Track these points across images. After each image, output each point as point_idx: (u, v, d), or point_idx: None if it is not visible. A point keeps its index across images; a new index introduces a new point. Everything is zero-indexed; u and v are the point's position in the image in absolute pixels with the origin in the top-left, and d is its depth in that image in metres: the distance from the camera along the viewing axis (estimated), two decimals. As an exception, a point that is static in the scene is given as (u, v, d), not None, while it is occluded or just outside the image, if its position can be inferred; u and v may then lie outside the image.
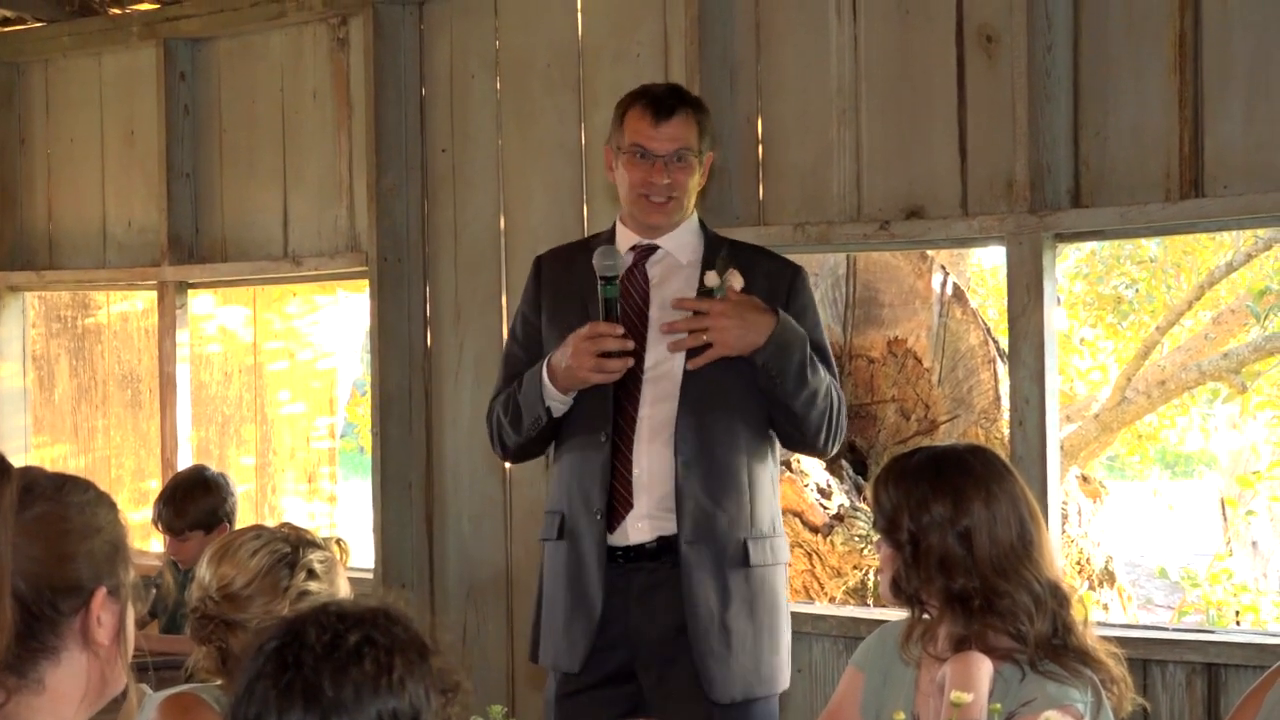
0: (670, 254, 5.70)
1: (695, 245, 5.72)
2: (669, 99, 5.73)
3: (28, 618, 2.93)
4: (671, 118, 5.66)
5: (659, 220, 5.69)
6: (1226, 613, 12.26)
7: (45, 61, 9.89)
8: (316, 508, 10.61)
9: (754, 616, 5.56)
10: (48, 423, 10.30)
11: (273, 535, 4.46)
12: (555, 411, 5.63)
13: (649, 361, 5.61)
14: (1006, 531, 4.34)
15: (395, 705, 2.62)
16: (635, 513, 5.57)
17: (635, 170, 5.65)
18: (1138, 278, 14.08)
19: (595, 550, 5.59)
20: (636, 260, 5.71)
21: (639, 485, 5.57)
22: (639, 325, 5.62)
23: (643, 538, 5.57)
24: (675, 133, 5.64)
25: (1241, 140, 6.09)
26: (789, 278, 5.70)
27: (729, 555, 5.53)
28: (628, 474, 5.57)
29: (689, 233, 5.74)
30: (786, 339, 5.45)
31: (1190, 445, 15.60)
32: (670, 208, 5.66)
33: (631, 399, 5.60)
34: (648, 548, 5.57)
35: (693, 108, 5.73)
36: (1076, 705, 4.20)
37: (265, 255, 8.91)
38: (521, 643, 7.85)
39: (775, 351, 5.43)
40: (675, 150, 5.62)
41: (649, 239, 5.71)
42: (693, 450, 5.53)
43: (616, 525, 5.59)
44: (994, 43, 6.56)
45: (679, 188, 5.63)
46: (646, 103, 5.73)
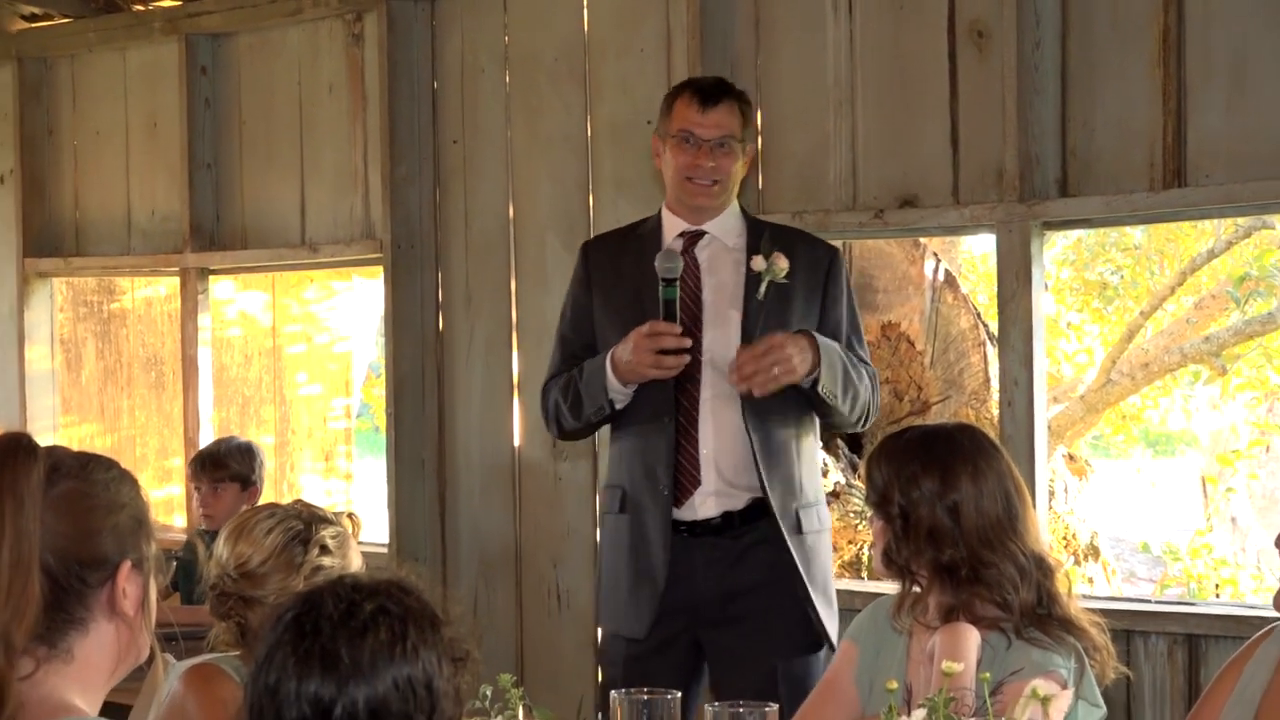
0: (717, 238, 5.74)
1: (739, 230, 5.76)
2: (715, 88, 5.79)
3: (56, 590, 2.95)
4: (718, 105, 5.70)
5: (704, 203, 5.73)
6: (1207, 586, 12.27)
7: (72, 56, 9.89)
8: (333, 485, 10.61)
9: (811, 580, 5.62)
10: (75, 403, 10.30)
11: (286, 513, 4.46)
12: (618, 404, 5.67)
13: (706, 344, 5.65)
14: (993, 506, 4.35)
15: (409, 672, 2.63)
16: (703, 489, 5.63)
17: (682, 155, 5.69)
18: (1122, 264, 14.07)
19: (661, 524, 5.63)
20: (685, 246, 5.74)
21: (706, 463, 5.62)
22: (694, 308, 5.68)
23: (709, 513, 5.63)
24: (720, 119, 5.68)
25: (1223, 132, 6.09)
26: (827, 260, 5.74)
27: (785, 524, 5.58)
28: (694, 452, 5.62)
29: (732, 217, 5.78)
30: (830, 357, 5.48)
31: (1172, 425, 15.60)
32: (715, 191, 5.69)
33: (694, 381, 5.63)
34: (712, 523, 5.61)
35: (737, 99, 5.76)
36: (1060, 671, 4.21)
37: (283, 242, 8.92)
38: (529, 613, 7.89)
39: (827, 372, 5.46)
40: (720, 136, 5.67)
41: (695, 224, 5.75)
42: (754, 428, 5.57)
43: (684, 501, 5.64)
44: (985, 38, 6.56)
45: (723, 172, 5.67)
46: (694, 91, 5.79)
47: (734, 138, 5.66)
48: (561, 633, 7.78)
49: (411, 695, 2.62)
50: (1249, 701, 3.93)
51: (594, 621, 7.65)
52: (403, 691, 2.62)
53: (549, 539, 7.84)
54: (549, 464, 7.84)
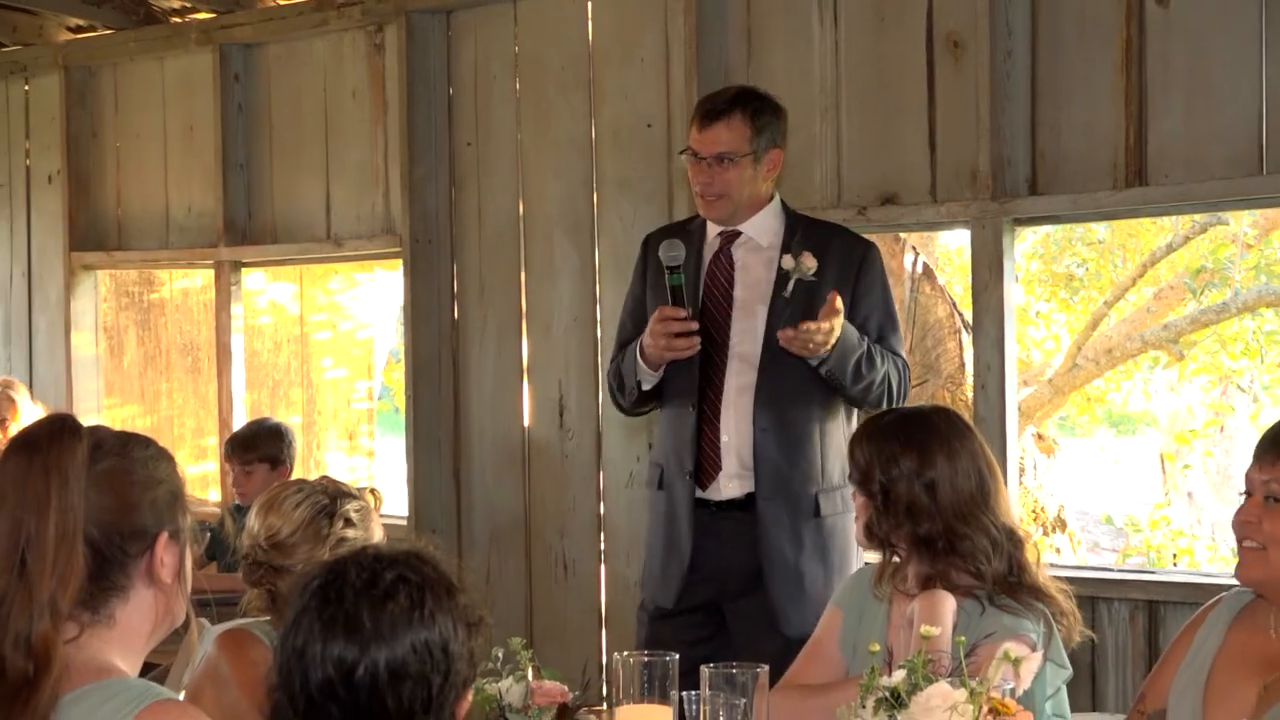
0: (752, 238, 5.71)
1: (776, 229, 5.72)
2: (715, 107, 5.71)
3: (99, 560, 2.95)
4: (715, 124, 5.65)
5: (710, 215, 5.73)
6: (1165, 555, 12.27)
7: (114, 65, 9.89)
8: (356, 462, 10.62)
9: (825, 560, 5.61)
10: (118, 386, 10.31)
11: (313, 488, 4.46)
12: (645, 384, 5.70)
13: (733, 337, 5.66)
14: (967, 482, 4.35)
15: (427, 636, 2.63)
16: (725, 473, 5.64)
17: (691, 170, 5.70)
18: (1087, 258, 14.06)
19: (686, 503, 5.66)
20: (723, 245, 5.72)
21: (726, 449, 5.63)
22: (725, 304, 5.68)
23: (733, 494, 5.64)
24: (717, 137, 5.62)
25: (1181, 135, 6.08)
26: (860, 255, 5.69)
27: (802, 508, 5.59)
28: (716, 439, 5.63)
29: (770, 216, 5.73)
30: (845, 350, 5.44)
31: (1133, 407, 15.60)
32: (718, 205, 5.66)
33: (719, 371, 5.64)
34: (737, 501, 5.61)
35: (745, 111, 5.66)
36: (1029, 635, 4.21)
37: (310, 237, 8.91)
38: (538, 582, 7.89)
39: (836, 360, 5.44)
40: (716, 153, 5.61)
41: (732, 225, 5.72)
42: (770, 416, 5.57)
43: (709, 483, 5.65)
44: (960, 48, 6.55)
45: (723, 185, 5.62)
46: (697, 110, 5.78)
47: (735, 153, 5.59)
48: (567, 599, 7.78)
49: (429, 657, 2.62)
50: (1201, 665, 3.93)
51: (598, 589, 7.66)
52: (420, 654, 2.62)
53: (556, 512, 7.83)
54: (556, 443, 7.84)
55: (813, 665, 4.54)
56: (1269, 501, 3.77)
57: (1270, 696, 3.76)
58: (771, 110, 5.74)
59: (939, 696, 3.41)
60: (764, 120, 5.68)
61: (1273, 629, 3.87)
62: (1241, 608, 3.99)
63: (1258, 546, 3.77)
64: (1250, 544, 3.79)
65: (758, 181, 5.68)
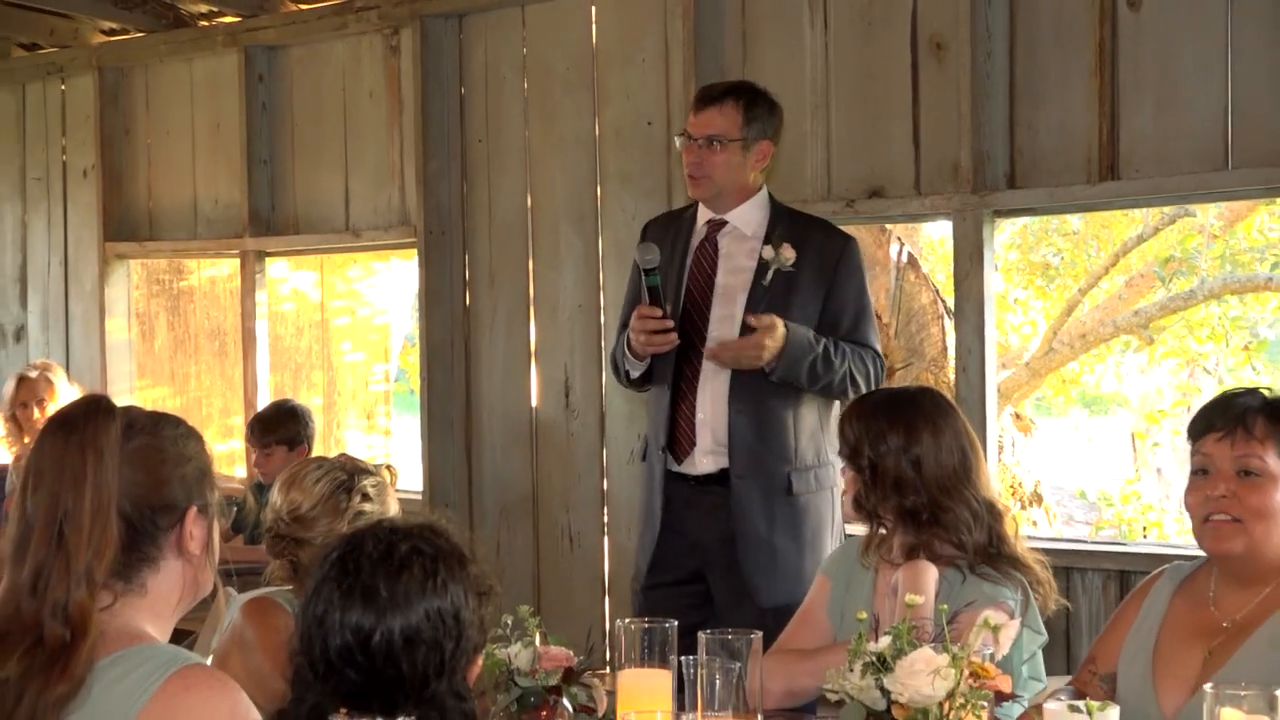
0: (737, 228, 5.70)
1: (761, 220, 5.70)
2: (712, 93, 5.75)
3: (132, 533, 2.95)
4: (708, 108, 5.67)
5: (695, 194, 5.74)
6: (1136, 528, 12.28)
7: (145, 66, 9.88)
8: (374, 440, 10.61)
9: (798, 536, 5.59)
10: (149, 369, 10.30)
11: (332, 465, 4.47)
12: (633, 373, 5.74)
13: (713, 321, 5.65)
14: (950, 458, 4.35)
15: (439, 604, 2.62)
16: (699, 449, 5.64)
17: (684, 152, 5.71)
18: (1063, 248, 14.03)
19: (660, 475, 5.69)
20: (709, 234, 5.72)
21: (701, 426, 5.63)
22: (707, 290, 5.67)
23: (708, 469, 5.65)
24: (709, 120, 5.64)
25: (1151, 132, 6.08)
26: (839, 249, 5.68)
27: (775, 486, 5.58)
28: (693, 416, 5.62)
29: (756, 208, 5.72)
30: (792, 358, 5.43)
31: (1106, 388, 15.58)
32: (704, 185, 5.66)
33: (698, 354, 5.62)
34: (713, 477, 5.61)
35: (738, 98, 5.67)
36: (1008, 603, 4.21)
37: (330, 229, 8.91)
38: (545, 553, 7.89)
39: (785, 370, 5.44)
40: (706, 135, 5.63)
41: (719, 214, 5.71)
42: (745, 397, 5.56)
43: (684, 458, 5.65)
44: (943, 49, 6.54)
45: (708, 166, 5.63)
46: (696, 95, 5.83)
47: (724, 137, 5.60)
48: (573, 570, 7.78)
49: (441, 624, 2.62)
50: (1149, 633, 3.94)
51: (601, 560, 7.67)
52: (433, 621, 2.62)
53: (562, 488, 7.83)
54: (562, 422, 7.84)
55: (803, 631, 4.54)
56: (1243, 475, 3.76)
57: (1214, 662, 3.76)
58: (766, 104, 5.73)
59: (922, 661, 3.41)
60: (757, 112, 5.68)
61: (1212, 601, 3.88)
62: (1183, 578, 4.00)
63: (1230, 519, 3.76)
64: (1222, 517, 3.77)
65: (745, 169, 5.67)
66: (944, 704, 3.32)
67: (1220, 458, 3.79)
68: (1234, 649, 3.75)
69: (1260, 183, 5.92)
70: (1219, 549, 3.80)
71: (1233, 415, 3.80)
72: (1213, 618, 3.85)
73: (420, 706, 2.61)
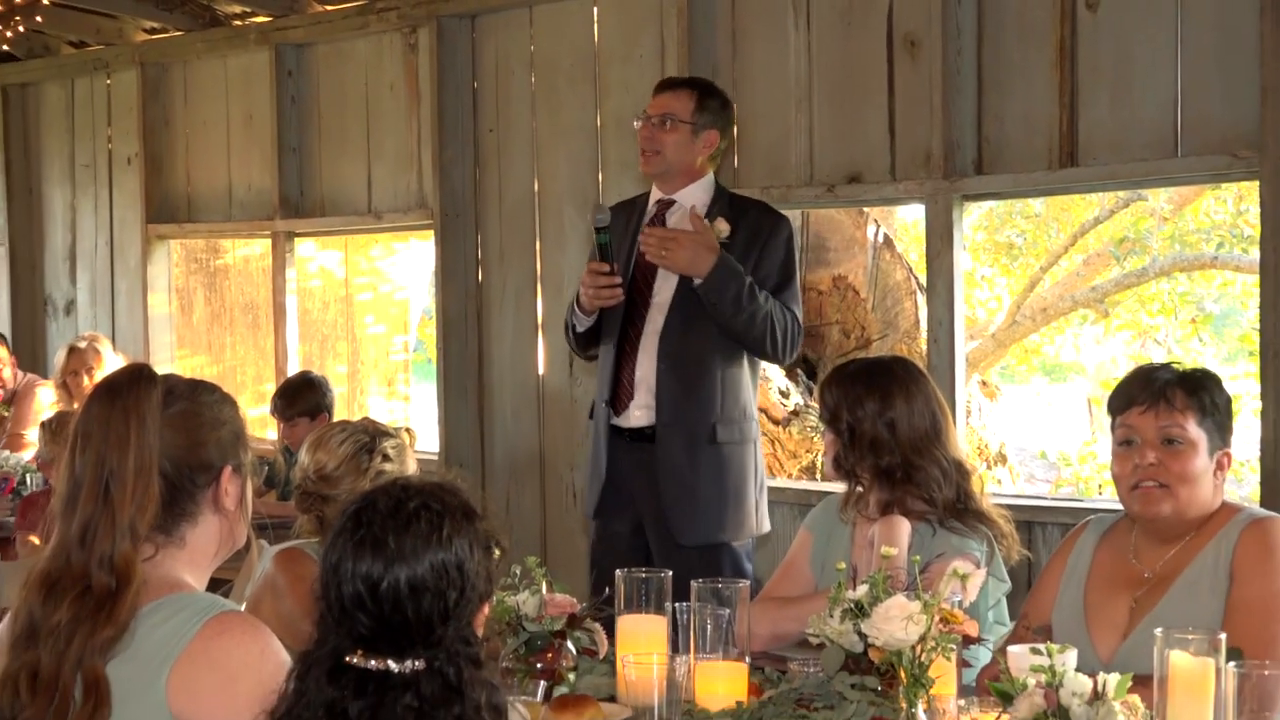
0: (683, 206, 5.69)
1: (705, 200, 5.70)
2: (671, 81, 5.85)
3: (172, 490, 2.96)
4: (665, 93, 5.73)
5: (645, 169, 5.78)
6: (1092, 486, 12.27)
7: (184, 62, 9.87)
8: (394, 405, 10.62)
9: (721, 482, 5.60)
10: (188, 340, 10.30)
11: (355, 428, 4.47)
12: (579, 327, 5.75)
13: (656, 289, 5.67)
14: (922, 421, 4.36)
15: (443, 557, 2.62)
16: (635, 403, 5.65)
17: (640, 131, 5.72)
18: (1025, 229, 14.01)
19: (605, 428, 5.71)
20: (659, 211, 5.74)
21: (639, 383, 5.64)
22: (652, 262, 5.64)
23: (640, 423, 5.66)
24: (664, 101, 5.69)
25: (1108, 123, 6.07)
26: (770, 225, 5.68)
27: (699, 435, 5.58)
28: (633, 374, 5.62)
29: (701, 189, 5.72)
30: (723, 277, 5.42)
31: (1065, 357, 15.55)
32: (653, 160, 5.70)
33: (641, 317, 5.65)
34: (645, 431, 5.61)
35: (693, 88, 5.73)
36: (975, 554, 4.23)
37: (353, 211, 8.91)
38: (553, 508, 7.89)
39: (713, 282, 5.42)
40: (660, 114, 5.66)
41: (668, 194, 5.73)
42: (672, 353, 5.58)
43: (622, 411, 5.66)
44: (916, 47, 6.53)
45: (657, 143, 5.65)
46: (657, 84, 5.86)
47: (675, 117, 5.63)
48: (576, 524, 7.78)
49: (445, 575, 2.62)
50: (1078, 585, 3.97)
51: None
52: (438, 572, 2.61)
53: (566, 448, 7.84)
54: (566, 388, 7.84)
55: (786, 581, 4.55)
56: (1166, 444, 3.78)
57: (1140, 610, 3.80)
58: (718, 99, 5.78)
59: (896, 608, 3.42)
60: (709, 103, 5.70)
61: (1133, 554, 3.90)
62: (1104, 531, 4.02)
63: (1158, 485, 3.78)
64: (1150, 484, 3.79)
65: (693, 152, 5.68)
66: (916, 647, 3.32)
67: (1145, 429, 3.81)
68: (1158, 597, 3.79)
69: (1207, 169, 5.92)
70: (1148, 512, 3.82)
71: (1154, 389, 3.83)
72: (1135, 569, 3.89)
73: (428, 650, 2.62)
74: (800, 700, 3.67)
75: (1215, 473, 3.82)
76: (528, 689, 3.82)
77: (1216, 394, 3.84)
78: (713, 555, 5.55)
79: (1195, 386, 3.82)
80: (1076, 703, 2.98)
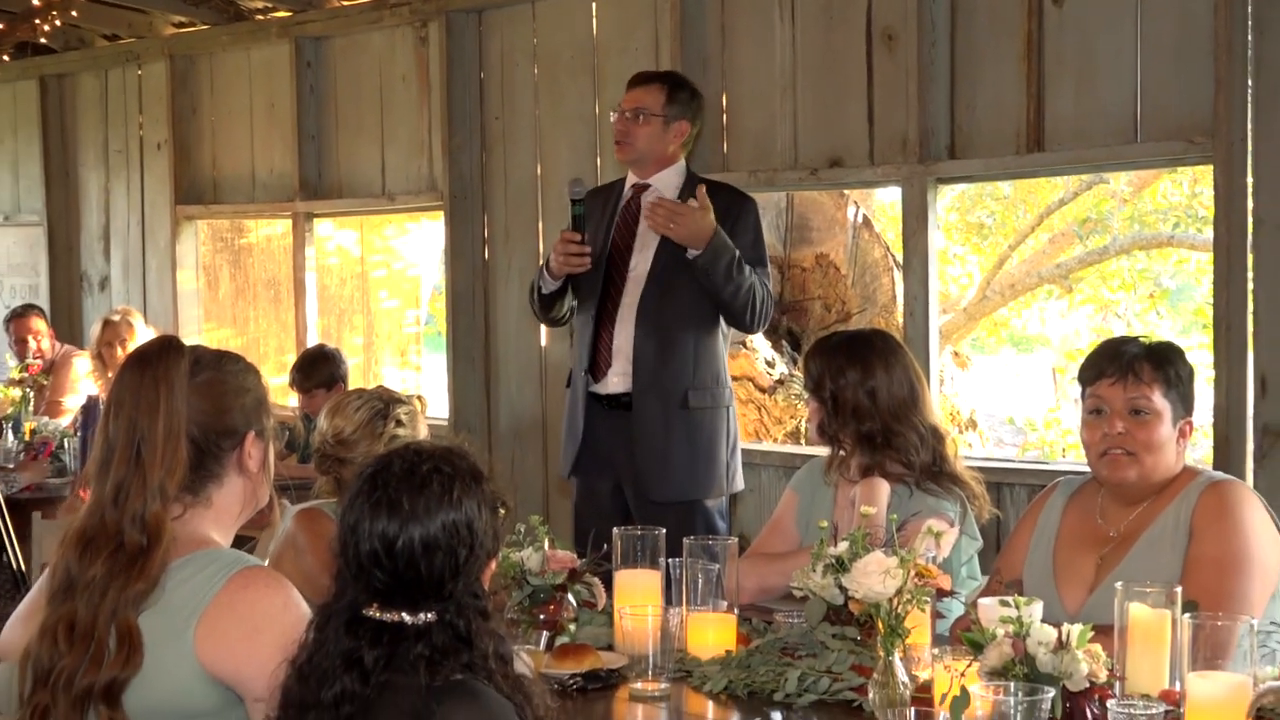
0: (657, 190, 5.71)
1: (676, 184, 5.72)
2: (643, 76, 5.85)
3: (198, 454, 2.96)
4: (637, 88, 5.75)
5: (620, 157, 5.83)
6: (1056, 449, 12.29)
7: (210, 54, 9.85)
8: (406, 374, 10.62)
9: (693, 444, 5.61)
10: (214, 313, 10.29)
11: (371, 395, 4.47)
12: (545, 289, 5.76)
13: (633, 264, 5.68)
14: (900, 389, 4.36)
15: (454, 517, 2.63)
16: (613, 370, 5.67)
17: (615, 121, 5.74)
18: (995, 210, 14.00)
19: (583, 394, 5.71)
20: (634, 195, 5.76)
21: (617, 351, 5.65)
22: (630, 239, 5.71)
23: (618, 389, 5.67)
24: (636, 96, 5.71)
25: (1072, 111, 6.06)
26: (738, 206, 5.69)
27: (672, 400, 5.59)
28: (611, 342, 5.63)
29: (674, 174, 5.74)
30: (719, 249, 5.44)
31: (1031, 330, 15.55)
32: (626, 149, 5.73)
33: (618, 290, 5.67)
34: (622, 398, 5.62)
35: (663, 82, 5.76)
36: (948, 513, 4.23)
37: (368, 193, 8.89)
38: (554, 470, 7.89)
39: (709, 255, 5.43)
40: (633, 108, 5.69)
41: (643, 179, 5.74)
42: (649, 323, 5.59)
43: (600, 378, 5.67)
44: (893, 40, 6.51)
45: (631, 135, 5.68)
46: (630, 78, 5.85)
47: (648, 110, 5.66)
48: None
49: (456, 534, 2.62)
50: (1047, 542, 3.97)
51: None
52: (449, 531, 2.62)
53: (567, 415, 7.84)
54: (565, 360, 7.82)
55: (773, 538, 4.55)
56: (1134, 414, 3.79)
57: (1105, 567, 3.81)
58: (688, 91, 5.79)
59: (875, 563, 3.42)
60: (679, 95, 5.72)
61: (1099, 514, 3.90)
62: (1073, 492, 4.03)
63: (1125, 452, 3.79)
64: (1118, 451, 3.80)
65: (665, 141, 5.69)
66: (893, 599, 3.33)
67: (1114, 399, 3.81)
68: (1121, 555, 3.80)
69: (1165, 154, 5.91)
70: (1115, 478, 3.83)
71: (1123, 362, 3.83)
72: (1101, 529, 3.89)
73: (439, 603, 2.62)
74: (785, 649, 3.68)
75: (1178, 440, 3.82)
76: (532, 639, 3.83)
77: (1181, 367, 3.84)
78: (686, 511, 5.56)
79: (1161, 360, 3.82)
80: (1042, 651, 2.99)
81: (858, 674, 3.42)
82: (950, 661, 3.06)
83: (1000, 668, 2.98)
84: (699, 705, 3.45)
